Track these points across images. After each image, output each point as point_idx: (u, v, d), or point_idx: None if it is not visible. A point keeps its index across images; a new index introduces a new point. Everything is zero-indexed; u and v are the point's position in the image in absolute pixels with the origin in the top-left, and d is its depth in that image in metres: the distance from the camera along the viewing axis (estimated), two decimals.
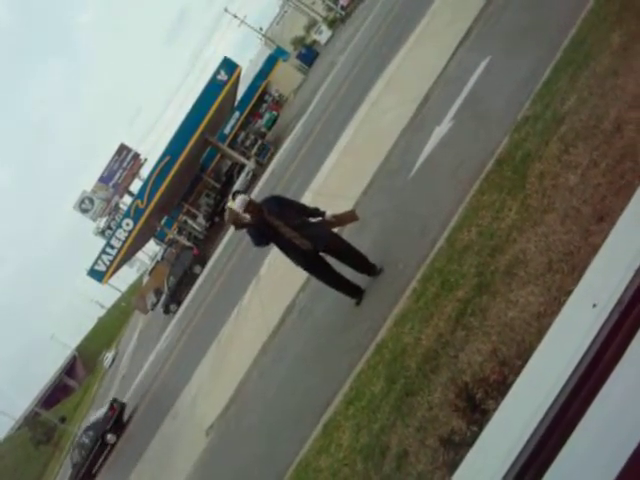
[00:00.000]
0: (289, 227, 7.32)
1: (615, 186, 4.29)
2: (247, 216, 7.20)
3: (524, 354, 3.81)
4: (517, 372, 1.80)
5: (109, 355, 39.44)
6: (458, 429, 4.07)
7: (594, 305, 1.40)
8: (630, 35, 5.42)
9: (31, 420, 70.17)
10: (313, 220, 7.59)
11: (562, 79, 6.26)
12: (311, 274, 8.15)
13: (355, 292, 7.88)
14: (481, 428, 1.64)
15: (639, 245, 1.37)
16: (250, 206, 7.25)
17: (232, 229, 7.89)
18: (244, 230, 7.54)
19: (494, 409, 1.74)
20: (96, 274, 37.02)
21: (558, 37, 7.16)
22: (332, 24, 58.56)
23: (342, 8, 56.29)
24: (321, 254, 7.61)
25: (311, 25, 64.84)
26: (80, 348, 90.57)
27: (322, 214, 7.58)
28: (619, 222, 1.50)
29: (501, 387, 3.80)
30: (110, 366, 37.32)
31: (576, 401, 1.31)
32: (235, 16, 69.06)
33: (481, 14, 11.77)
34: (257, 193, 33.45)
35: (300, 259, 7.61)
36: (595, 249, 2.23)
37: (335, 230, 7.80)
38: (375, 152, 12.20)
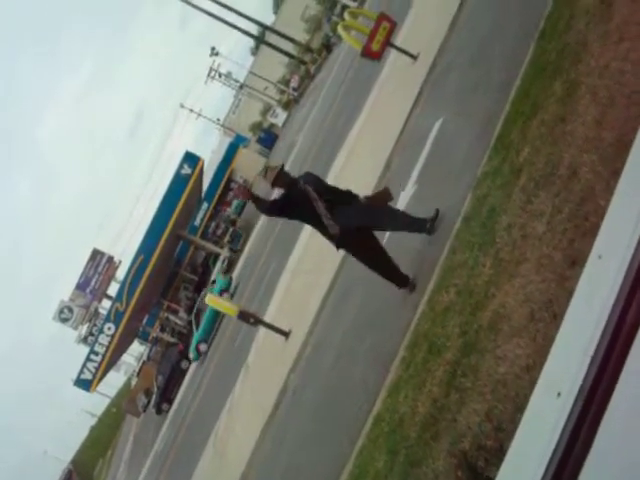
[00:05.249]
0: (323, 202, 6.75)
1: (581, 229, 4.36)
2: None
3: (520, 409, 3.78)
4: (512, 435, 1.79)
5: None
6: None
7: (558, 394, 1.41)
8: (570, 82, 5.61)
9: None
10: (346, 206, 6.95)
11: (514, 131, 6.42)
12: (347, 252, 7.48)
13: (403, 280, 7.14)
14: None
15: (592, 330, 1.39)
16: (280, 178, 6.78)
17: None
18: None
19: (496, 476, 1.73)
20: (83, 383, 36.35)
21: (504, 91, 7.38)
22: (287, 106, 59.97)
23: (294, 89, 57.77)
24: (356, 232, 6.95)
25: (266, 109, 66.29)
26: (75, 461, 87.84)
27: (355, 197, 7.00)
28: (570, 308, 1.52)
29: (499, 453, 3.76)
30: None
31: None
32: (191, 110, 70.45)
33: (427, 78, 12.15)
34: (237, 275, 33.39)
35: (331, 236, 7.00)
36: (572, 294, 2.25)
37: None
38: None
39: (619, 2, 5.47)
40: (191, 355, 27.50)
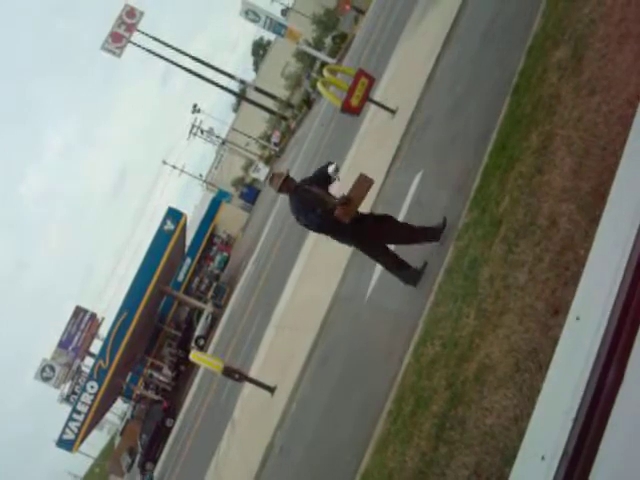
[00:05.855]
0: (328, 193, 7.26)
1: (562, 278, 4.40)
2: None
3: (508, 462, 3.75)
4: None
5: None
6: None
7: (542, 457, 1.41)
8: (546, 134, 5.72)
9: None
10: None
11: (492, 183, 6.51)
12: (362, 246, 7.50)
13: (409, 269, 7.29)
14: None
15: (572, 392, 1.40)
16: (286, 183, 7.21)
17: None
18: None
19: None
20: (65, 443, 35.66)
21: (481, 144, 7.50)
22: (268, 160, 60.53)
23: (275, 144, 58.40)
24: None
25: (248, 165, 66.83)
26: None
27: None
28: (550, 371, 1.53)
29: None
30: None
31: None
32: (174, 167, 70.92)
33: (406, 132, 12.32)
34: (219, 335, 33.13)
35: (348, 229, 7.11)
36: (556, 342, 2.26)
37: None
38: (328, 279, 12.32)
39: (589, 57, 5.63)
40: None
